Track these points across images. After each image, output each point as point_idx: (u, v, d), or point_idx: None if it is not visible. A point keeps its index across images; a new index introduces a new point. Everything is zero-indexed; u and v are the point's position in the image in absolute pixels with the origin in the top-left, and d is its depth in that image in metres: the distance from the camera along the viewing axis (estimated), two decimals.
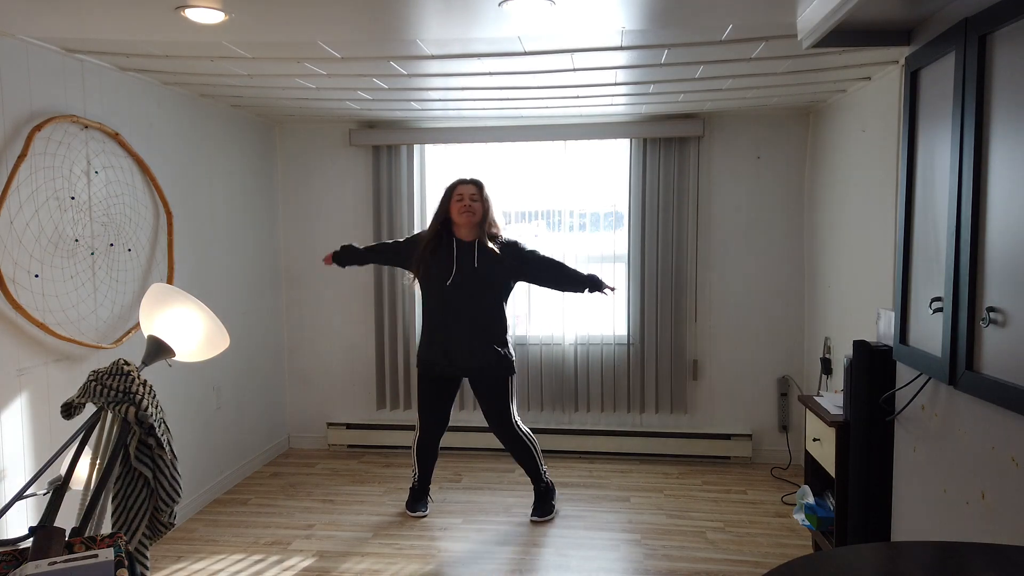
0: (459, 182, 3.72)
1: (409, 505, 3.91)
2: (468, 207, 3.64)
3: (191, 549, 3.50)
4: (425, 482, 3.95)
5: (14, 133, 2.75)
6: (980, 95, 1.95)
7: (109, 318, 3.26)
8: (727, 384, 4.72)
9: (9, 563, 1.58)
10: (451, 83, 3.59)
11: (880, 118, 3.41)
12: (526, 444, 3.81)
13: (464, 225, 3.68)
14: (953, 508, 2.19)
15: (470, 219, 3.65)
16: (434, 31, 2.73)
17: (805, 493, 3.32)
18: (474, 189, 3.68)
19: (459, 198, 3.67)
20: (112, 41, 2.85)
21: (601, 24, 2.66)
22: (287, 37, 2.79)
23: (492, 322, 3.70)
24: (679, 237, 4.60)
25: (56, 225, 2.95)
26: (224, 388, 4.22)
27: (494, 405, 3.76)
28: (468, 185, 3.70)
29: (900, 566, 1.47)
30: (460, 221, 3.67)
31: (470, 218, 3.65)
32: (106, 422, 1.93)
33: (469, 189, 3.68)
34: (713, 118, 4.56)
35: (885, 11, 2.29)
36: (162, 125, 3.64)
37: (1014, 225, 1.82)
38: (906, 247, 2.47)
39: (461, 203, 3.66)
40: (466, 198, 3.66)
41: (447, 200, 3.71)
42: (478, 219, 3.67)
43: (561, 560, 3.39)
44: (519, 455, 3.83)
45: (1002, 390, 1.85)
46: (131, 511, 1.88)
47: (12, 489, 2.75)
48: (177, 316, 2.09)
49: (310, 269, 4.94)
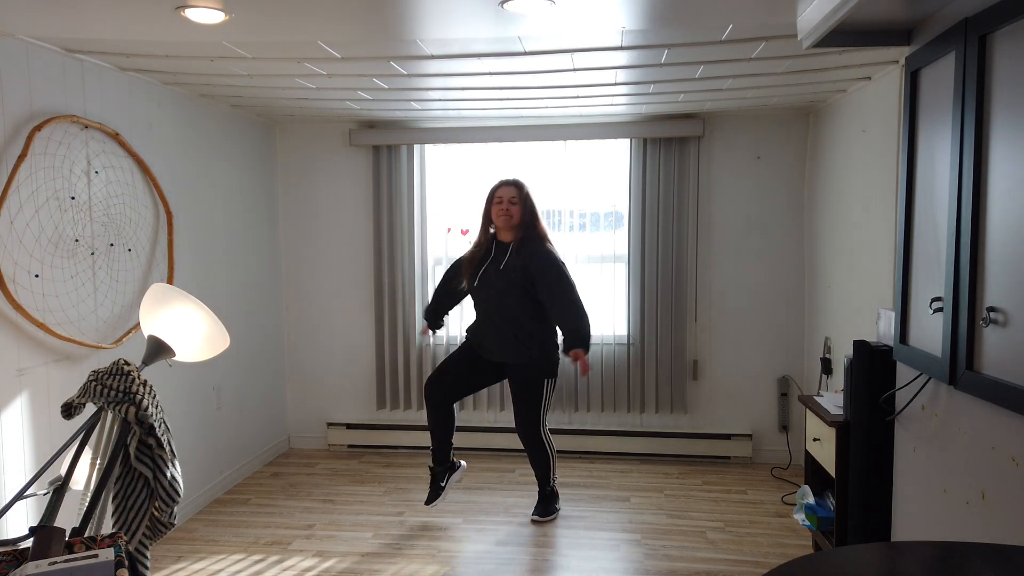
0: (500, 184, 3.68)
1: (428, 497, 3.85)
2: (506, 210, 3.62)
3: (191, 549, 3.50)
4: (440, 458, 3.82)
5: (14, 133, 2.75)
6: (980, 95, 1.95)
7: (109, 318, 3.26)
8: (727, 384, 4.72)
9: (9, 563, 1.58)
10: (451, 83, 3.59)
11: (880, 118, 3.41)
12: (544, 452, 3.80)
13: (503, 228, 3.66)
14: (953, 508, 2.19)
15: (507, 222, 3.63)
16: (434, 31, 2.73)
17: (805, 493, 3.32)
18: (514, 191, 3.64)
19: (498, 200, 3.64)
20: (112, 41, 2.85)
21: (601, 24, 2.66)
22: (287, 37, 2.79)
23: (524, 321, 3.64)
24: (679, 237, 4.60)
25: (56, 225, 2.95)
26: (224, 388, 4.22)
27: (521, 405, 3.74)
28: (508, 187, 3.65)
29: (900, 566, 1.47)
30: (499, 224, 3.66)
31: (508, 221, 3.63)
32: (106, 422, 1.93)
33: (509, 192, 3.64)
34: (713, 118, 4.56)
35: (885, 11, 2.29)
36: (162, 125, 3.64)
37: (1014, 225, 1.82)
38: (906, 247, 2.47)
39: (500, 206, 3.63)
40: (505, 201, 3.63)
41: (488, 203, 3.69)
42: (516, 222, 3.63)
43: (561, 560, 3.40)
44: (533, 458, 3.82)
45: (1002, 390, 1.85)
46: (131, 511, 1.88)
47: (12, 489, 2.75)
48: (177, 316, 2.09)
49: (310, 269, 4.94)
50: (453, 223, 4.81)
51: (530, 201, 3.67)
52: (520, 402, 3.74)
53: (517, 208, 3.63)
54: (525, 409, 3.74)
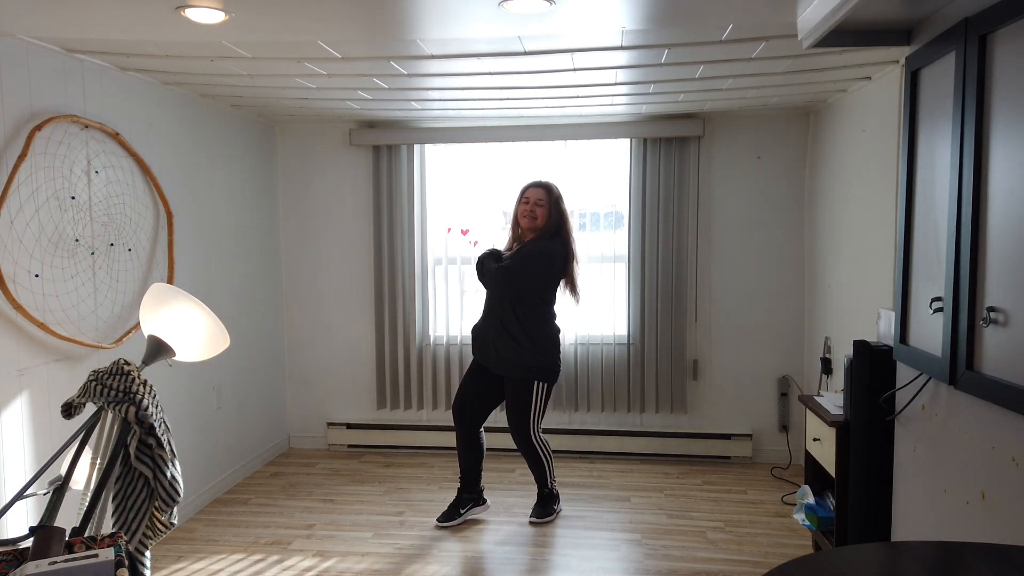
0: (530, 184, 3.68)
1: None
2: (531, 211, 3.62)
3: (191, 549, 3.50)
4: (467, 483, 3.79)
5: (14, 133, 2.76)
6: (980, 95, 1.95)
7: (109, 318, 3.26)
8: (727, 384, 4.72)
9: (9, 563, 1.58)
10: (451, 83, 3.59)
11: (880, 118, 3.41)
12: (538, 456, 3.78)
13: (526, 228, 3.66)
14: (953, 508, 2.19)
15: (531, 223, 3.63)
16: (434, 31, 2.73)
17: (805, 493, 3.33)
18: (542, 193, 3.63)
19: (525, 200, 3.65)
20: (112, 41, 2.85)
21: (601, 24, 2.66)
22: (287, 37, 2.79)
23: (517, 321, 3.62)
24: (679, 237, 4.60)
25: (56, 225, 2.95)
26: (224, 388, 4.22)
27: (512, 408, 3.72)
28: (537, 188, 3.65)
29: (900, 566, 1.47)
30: (523, 224, 3.66)
31: (531, 222, 3.62)
32: (106, 422, 1.93)
33: (537, 193, 3.63)
34: (713, 118, 4.56)
35: (885, 11, 2.29)
36: (162, 125, 3.64)
37: (1014, 225, 1.82)
38: (906, 247, 2.47)
39: (526, 206, 3.64)
40: (532, 201, 3.63)
41: (517, 201, 3.69)
42: (540, 224, 3.62)
43: (561, 560, 3.40)
44: (529, 461, 3.81)
45: (1002, 390, 1.85)
46: (131, 511, 1.88)
47: (12, 489, 2.75)
48: (177, 316, 2.09)
49: (310, 268, 4.94)
50: (453, 223, 4.81)
51: (560, 205, 3.66)
52: (512, 405, 3.72)
53: (543, 211, 3.61)
54: (515, 413, 3.71)
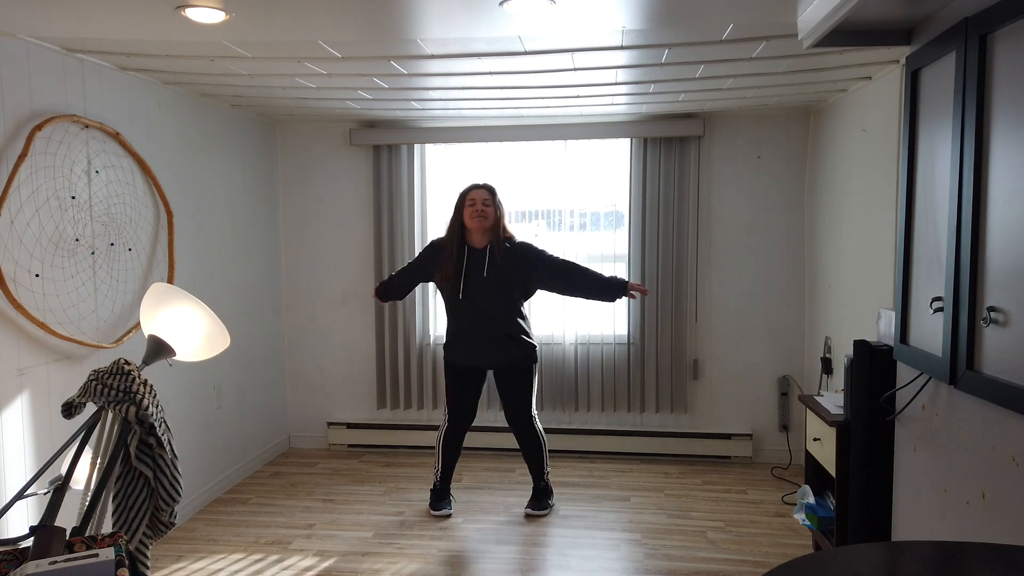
0: (472, 187, 3.74)
1: (432, 504, 3.90)
2: (480, 212, 3.66)
3: (191, 548, 3.50)
4: (447, 480, 3.94)
5: (15, 133, 2.76)
6: (981, 95, 1.95)
7: (110, 318, 3.26)
8: (727, 384, 4.72)
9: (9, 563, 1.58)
10: (451, 83, 3.59)
11: (880, 118, 3.41)
12: (538, 441, 3.86)
13: (476, 230, 3.70)
14: (953, 508, 2.19)
15: (482, 224, 3.67)
16: (434, 31, 2.73)
17: (805, 493, 3.32)
18: (486, 194, 3.71)
19: (471, 203, 3.69)
20: (113, 41, 2.85)
21: (601, 24, 2.66)
22: (287, 37, 2.79)
23: (508, 320, 3.72)
24: (679, 237, 4.60)
25: (56, 225, 2.95)
26: (225, 387, 4.22)
27: (516, 396, 3.80)
28: (480, 190, 3.72)
29: (900, 566, 1.47)
30: (472, 226, 3.69)
31: (482, 223, 3.67)
32: (107, 421, 1.93)
33: (482, 194, 3.70)
34: (713, 118, 4.56)
35: (885, 11, 2.29)
36: (162, 125, 3.64)
37: (1015, 225, 1.82)
38: (907, 247, 2.47)
39: (473, 207, 3.68)
40: (478, 203, 3.68)
41: (460, 205, 3.73)
42: (490, 224, 3.69)
43: (561, 559, 3.40)
44: (527, 450, 3.86)
45: (1003, 390, 1.84)
46: (132, 510, 1.88)
47: (12, 489, 2.75)
48: (177, 315, 2.09)
49: (310, 268, 4.94)
50: None
51: (501, 206, 3.75)
52: (513, 394, 3.80)
53: (491, 210, 3.69)
54: (520, 399, 3.80)
